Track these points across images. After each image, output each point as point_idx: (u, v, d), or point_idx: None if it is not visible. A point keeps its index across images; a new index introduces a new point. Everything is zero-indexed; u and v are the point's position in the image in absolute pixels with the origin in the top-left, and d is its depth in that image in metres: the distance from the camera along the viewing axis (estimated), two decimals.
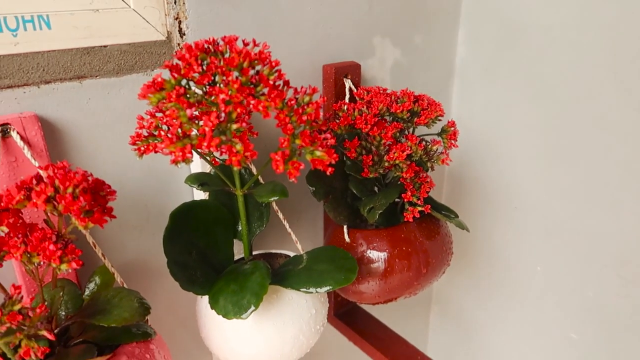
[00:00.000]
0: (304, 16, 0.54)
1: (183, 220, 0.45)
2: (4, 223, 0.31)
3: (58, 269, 0.31)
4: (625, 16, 0.55)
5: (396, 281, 0.53)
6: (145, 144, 0.37)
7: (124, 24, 0.43)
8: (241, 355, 0.46)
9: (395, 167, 0.49)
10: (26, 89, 0.40)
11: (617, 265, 0.63)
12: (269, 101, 0.35)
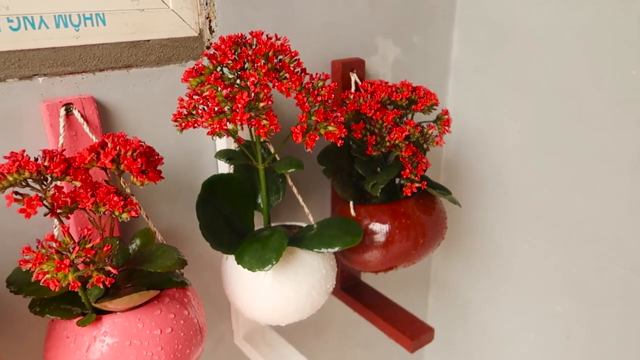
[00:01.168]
0: (315, 18, 0.61)
1: (212, 189, 0.52)
2: (78, 179, 0.38)
3: (120, 216, 0.39)
4: (599, 18, 0.62)
5: (396, 250, 0.60)
6: (186, 121, 0.45)
7: (164, 22, 0.50)
8: (262, 309, 0.53)
9: (395, 147, 0.56)
10: (84, 75, 0.47)
11: (595, 242, 0.70)
12: (290, 84, 0.42)
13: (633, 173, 0.64)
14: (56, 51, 0.45)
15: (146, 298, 0.42)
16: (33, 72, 0.45)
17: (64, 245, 0.36)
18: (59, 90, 0.46)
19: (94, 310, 0.42)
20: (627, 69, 0.62)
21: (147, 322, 0.42)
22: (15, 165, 0.36)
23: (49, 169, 0.37)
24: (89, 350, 0.41)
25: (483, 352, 0.92)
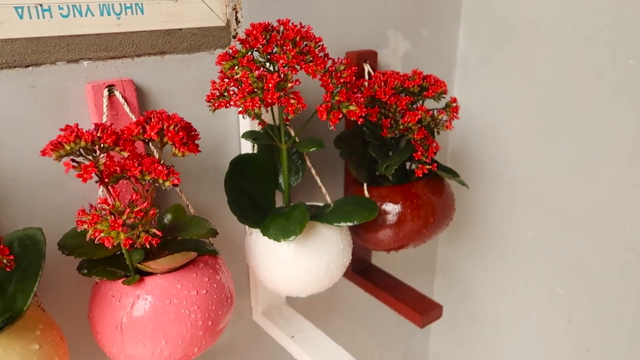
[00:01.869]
0: (331, 11, 0.66)
1: (238, 168, 0.56)
2: (127, 149, 0.42)
3: (163, 184, 0.43)
4: (598, 11, 0.66)
5: (408, 229, 0.64)
6: (218, 101, 0.49)
7: (195, 12, 0.55)
8: (284, 280, 0.57)
9: (408, 130, 0.60)
10: (124, 60, 0.51)
11: (594, 225, 0.74)
12: (316, 66, 0.47)
13: (631, 159, 0.68)
14: (100, 37, 0.49)
15: (187, 259, 0.46)
16: (79, 56, 0.49)
17: (116, 208, 0.40)
18: (101, 73, 0.50)
19: (137, 272, 0.46)
20: (626, 59, 0.66)
21: (184, 283, 0.46)
22: (73, 135, 0.40)
23: (102, 139, 0.41)
24: (133, 307, 0.45)
25: (487, 335, 0.95)
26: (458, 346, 1.02)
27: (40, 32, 0.46)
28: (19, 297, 0.40)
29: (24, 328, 0.40)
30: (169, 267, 0.45)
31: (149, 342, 0.45)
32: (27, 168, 0.48)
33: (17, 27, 0.45)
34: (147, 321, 0.45)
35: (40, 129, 0.48)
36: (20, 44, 0.45)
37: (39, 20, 0.46)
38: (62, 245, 0.45)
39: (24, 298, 0.40)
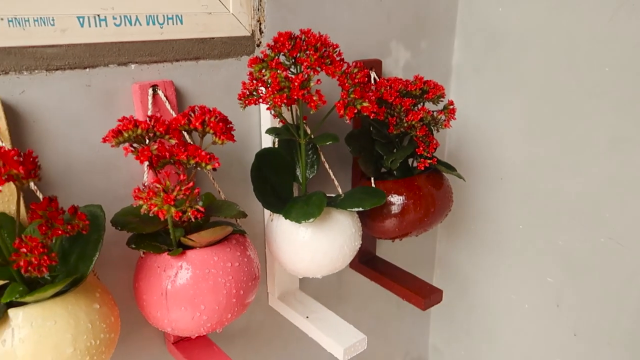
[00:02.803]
0: (341, 24, 0.73)
1: (263, 160, 0.63)
2: (175, 137, 0.49)
3: (205, 167, 0.49)
4: (578, 24, 0.75)
5: (411, 218, 0.71)
6: (248, 99, 0.56)
7: (225, 23, 0.62)
8: (302, 261, 0.64)
9: (411, 128, 0.67)
10: (165, 64, 0.59)
11: (579, 216, 0.81)
12: (335, 68, 0.54)
13: (609, 154, 0.76)
14: (145, 44, 0.57)
15: (225, 233, 0.53)
16: (128, 60, 0.56)
17: (167, 186, 0.47)
18: (146, 75, 0.57)
19: (179, 246, 0.53)
20: (602, 67, 0.74)
21: (220, 256, 0.53)
22: (131, 124, 0.47)
23: (155, 127, 0.48)
24: (177, 276, 0.51)
25: (483, 325, 1.02)
26: (456, 336, 1.09)
27: (96, 38, 0.53)
28: (81, 263, 0.47)
29: (86, 290, 0.47)
30: (209, 240, 0.52)
31: (190, 307, 0.51)
32: (81, 157, 0.55)
33: (79, 34, 0.52)
34: (188, 288, 0.51)
35: (93, 123, 0.55)
36: (80, 48, 0.53)
37: (96, 29, 0.53)
38: (115, 222, 0.52)
39: (87, 264, 0.46)
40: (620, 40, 0.71)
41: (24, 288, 0.43)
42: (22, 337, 0.42)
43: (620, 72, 0.72)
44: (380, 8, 0.78)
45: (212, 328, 0.54)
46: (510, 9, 0.83)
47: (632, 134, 0.73)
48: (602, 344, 0.84)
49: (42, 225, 0.40)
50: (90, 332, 0.45)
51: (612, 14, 0.71)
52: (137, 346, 0.66)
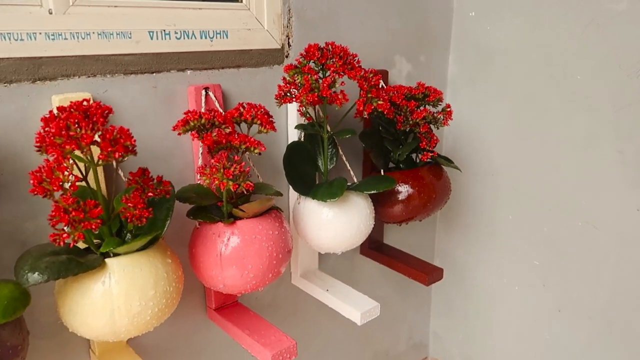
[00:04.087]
0: (354, 39, 0.86)
1: (292, 151, 0.75)
2: (230, 126, 0.61)
3: (253, 151, 0.61)
4: (554, 40, 0.88)
5: (415, 203, 0.83)
6: (284, 98, 0.68)
7: (261, 38, 0.75)
8: (325, 237, 0.75)
9: (415, 125, 0.80)
10: (213, 70, 0.71)
11: (560, 205, 0.94)
12: (355, 72, 0.67)
13: (584, 150, 0.89)
14: (199, 54, 0.69)
15: (269, 204, 0.64)
16: (185, 67, 0.68)
17: (226, 164, 0.59)
18: (198, 79, 0.70)
19: (229, 216, 0.64)
20: (574, 75, 0.87)
21: (263, 225, 0.64)
22: (197, 115, 0.59)
23: (215, 118, 0.60)
24: (229, 241, 0.62)
25: (478, 308, 1.13)
26: (454, 321, 1.19)
27: (162, 49, 0.66)
28: (156, 226, 0.58)
29: (161, 247, 0.58)
30: (256, 211, 0.64)
31: (240, 266, 0.63)
32: (147, 146, 0.67)
33: (149, 45, 0.64)
34: (238, 251, 0.62)
35: (157, 118, 0.67)
36: (149, 57, 0.65)
37: (162, 41, 0.65)
38: (179, 197, 0.63)
39: (162, 225, 0.58)
40: (589, 53, 0.85)
41: (118, 241, 0.54)
42: (117, 280, 0.53)
43: (590, 79, 0.86)
44: (387, 27, 0.91)
45: (256, 286, 0.65)
46: (496, 28, 0.96)
47: (601, 132, 0.86)
48: (584, 318, 0.96)
49: (138, 189, 0.52)
50: (166, 280, 0.56)
51: (581, 31, 0.85)
52: (181, 314, 0.77)
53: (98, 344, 0.66)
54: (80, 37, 0.59)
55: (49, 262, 0.50)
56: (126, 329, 0.54)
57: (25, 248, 0.59)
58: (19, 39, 0.55)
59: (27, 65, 0.56)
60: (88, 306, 0.53)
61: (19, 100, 0.57)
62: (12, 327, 0.49)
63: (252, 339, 0.69)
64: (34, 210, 0.60)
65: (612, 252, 0.89)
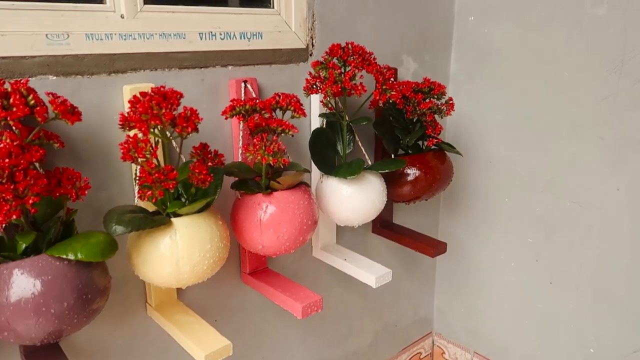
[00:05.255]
0: (367, 40, 0.98)
1: (316, 136, 0.87)
2: (268, 111, 0.73)
3: (288, 133, 0.73)
4: (543, 40, 1.00)
5: (422, 184, 0.95)
6: (311, 90, 0.80)
7: (290, 39, 0.87)
8: (344, 211, 0.87)
9: (422, 115, 0.92)
10: (250, 66, 0.83)
11: (550, 187, 1.06)
12: (372, 67, 0.79)
13: (570, 137, 1.01)
14: (238, 52, 0.81)
15: (301, 177, 0.76)
16: (227, 63, 0.80)
17: (267, 142, 0.70)
18: (238, 74, 0.82)
19: (267, 188, 0.76)
20: (562, 72, 0.99)
21: (295, 196, 0.76)
22: (242, 102, 0.71)
23: (257, 104, 0.72)
24: (267, 209, 0.74)
25: (478, 284, 1.25)
26: (456, 297, 1.31)
27: (209, 48, 0.78)
28: (211, 191, 0.70)
29: (213, 211, 0.70)
30: (290, 183, 0.75)
31: (276, 230, 0.74)
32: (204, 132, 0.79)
33: (199, 44, 0.76)
34: (275, 217, 0.74)
35: (204, 106, 0.79)
36: (199, 54, 0.77)
37: (209, 41, 0.77)
38: (226, 172, 0.75)
39: (214, 192, 0.69)
40: (575, 52, 0.97)
41: (181, 204, 0.66)
42: (181, 235, 0.64)
43: (576, 75, 0.98)
44: (396, 30, 1.03)
45: (289, 248, 0.77)
46: (493, 31, 1.08)
47: (584, 121, 0.98)
48: (571, 288, 1.07)
49: (200, 159, 0.64)
50: (218, 237, 0.68)
51: (568, 32, 0.97)
52: (220, 278, 0.89)
53: (155, 297, 0.78)
54: (146, 38, 0.71)
55: (130, 217, 0.61)
56: (187, 277, 0.66)
57: (100, 213, 0.71)
58: (99, 39, 0.67)
59: (105, 61, 0.68)
60: (158, 256, 0.64)
61: (98, 89, 0.69)
62: (102, 270, 0.61)
63: (285, 295, 0.81)
64: (106, 181, 0.72)
65: (596, 228, 1.01)
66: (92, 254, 0.56)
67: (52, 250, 0.56)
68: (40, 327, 0.55)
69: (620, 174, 0.96)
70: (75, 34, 0.65)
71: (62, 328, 0.57)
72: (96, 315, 0.62)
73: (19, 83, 0.55)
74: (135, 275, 0.75)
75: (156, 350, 0.83)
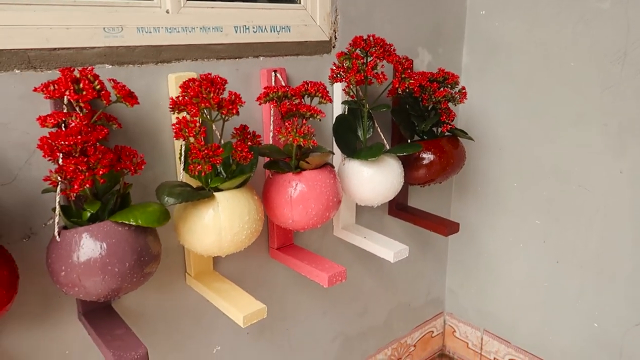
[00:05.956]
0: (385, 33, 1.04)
1: (339, 122, 0.94)
2: (298, 98, 0.80)
3: (316, 117, 0.80)
4: (550, 34, 1.07)
5: (436, 168, 1.02)
6: (335, 79, 0.88)
7: (315, 32, 0.94)
8: (365, 191, 0.94)
9: (437, 102, 0.99)
10: (279, 57, 0.90)
11: (556, 172, 1.12)
12: (392, 57, 0.86)
13: (575, 124, 1.07)
14: (268, 44, 0.88)
15: (328, 157, 0.83)
16: (258, 54, 0.88)
17: (298, 126, 0.78)
18: (268, 64, 0.89)
19: (297, 168, 0.83)
20: (568, 62, 1.06)
21: (322, 175, 0.83)
22: (274, 89, 0.78)
23: (289, 92, 0.79)
24: (296, 187, 0.82)
25: (488, 266, 1.32)
26: (467, 278, 1.38)
27: (243, 40, 0.85)
28: (247, 168, 0.77)
29: (249, 187, 0.77)
30: (318, 163, 0.83)
31: (305, 206, 0.82)
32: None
33: (234, 37, 0.84)
34: (304, 194, 0.81)
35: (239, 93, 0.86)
36: (234, 46, 0.84)
37: (243, 34, 0.85)
38: (259, 152, 0.82)
39: (251, 169, 0.77)
40: (580, 44, 1.03)
41: (223, 179, 0.74)
42: (223, 207, 0.72)
43: (581, 66, 1.04)
44: (411, 24, 1.10)
45: (316, 222, 0.84)
46: (503, 25, 1.15)
47: (590, 110, 1.05)
48: (576, 267, 1.14)
49: (240, 139, 0.71)
50: (255, 210, 0.75)
51: (573, 26, 1.03)
52: (250, 253, 0.96)
53: (194, 267, 0.86)
54: (188, 31, 0.79)
55: (180, 191, 0.69)
56: (228, 245, 0.74)
57: (146, 190, 0.79)
58: (148, 32, 0.75)
59: (153, 52, 0.76)
60: (202, 227, 0.72)
61: (146, 77, 0.76)
62: (155, 237, 0.68)
63: (311, 267, 0.89)
64: (152, 162, 0.79)
65: (600, 209, 1.08)
66: (150, 220, 0.64)
67: (115, 216, 0.64)
68: (106, 284, 0.63)
69: (623, 158, 1.02)
70: (128, 28, 0.73)
71: (123, 286, 0.64)
72: (149, 278, 0.69)
73: (85, 70, 0.63)
74: (175, 249, 0.83)
75: (193, 316, 0.91)
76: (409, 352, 1.40)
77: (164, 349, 0.89)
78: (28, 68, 0.66)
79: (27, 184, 0.69)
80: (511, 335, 1.31)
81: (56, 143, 0.58)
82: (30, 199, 0.70)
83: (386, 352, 1.34)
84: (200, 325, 0.93)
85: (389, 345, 1.34)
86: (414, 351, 1.42)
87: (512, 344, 1.31)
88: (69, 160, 0.58)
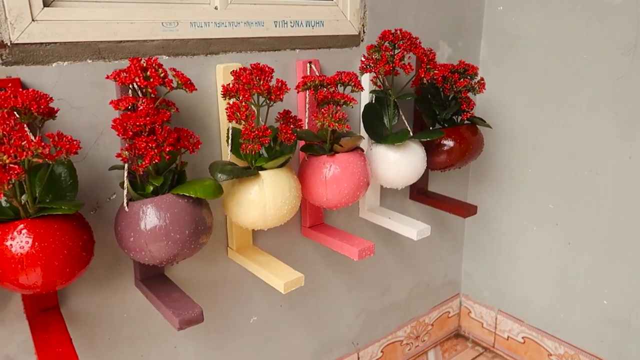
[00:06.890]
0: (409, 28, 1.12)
1: (368, 109, 1.02)
2: (333, 86, 0.88)
3: (348, 104, 0.88)
4: (564, 27, 1.14)
5: (456, 154, 1.09)
6: (365, 69, 0.95)
7: (346, 26, 1.02)
8: (391, 175, 1.02)
9: (458, 92, 1.06)
10: (314, 50, 0.98)
11: (569, 157, 1.19)
12: (419, 50, 0.93)
13: (588, 113, 1.14)
14: (303, 38, 0.96)
15: (359, 140, 0.91)
16: (295, 46, 0.95)
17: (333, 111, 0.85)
18: (304, 56, 0.97)
19: (330, 151, 0.91)
20: (581, 55, 1.12)
21: (354, 157, 0.91)
22: (312, 78, 0.86)
23: (324, 80, 0.87)
24: (331, 168, 0.89)
25: (503, 248, 1.39)
26: (482, 261, 1.45)
27: (281, 34, 0.93)
28: (287, 149, 0.85)
29: (289, 168, 0.85)
30: (350, 145, 0.91)
31: (338, 186, 0.89)
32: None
33: (273, 31, 0.92)
34: (337, 175, 0.89)
35: None
36: (273, 39, 0.92)
37: (281, 28, 0.93)
38: (298, 137, 0.90)
39: (291, 150, 0.85)
40: (592, 37, 1.10)
41: (267, 159, 0.82)
42: (267, 184, 0.80)
43: (593, 58, 1.11)
44: (433, 19, 1.17)
45: (348, 201, 0.92)
46: (519, 19, 1.22)
47: (602, 99, 1.11)
48: (587, 247, 1.21)
49: (284, 122, 0.79)
50: (295, 187, 0.83)
51: (587, 20, 1.10)
52: (284, 231, 1.04)
53: (236, 241, 0.94)
54: (234, 25, 0.87)
55: (230, 168, 0.77)
56: (271, 219, 0.82)
57: (195, 170, 0.87)
58: (200, 26, 0.83)
59: (203, 44, 0.84)
60: (249, 201, 0.80)
61: (197, 67, 0.84)
62: (208, 211, 0.77)
63: (342, 242, 0.97)
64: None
65: (610, 193, 1.14)
66: (207, 193, 0.72)
67: (176, 189, 0.72)
68: (169, 249, 0.71)
69: (632, 144, 1.09)
70: (182, 22, 0.81)
71: (182, 252, 0.73)
72: (202, 248, 0.78)
73: (151, 60, 0.71)
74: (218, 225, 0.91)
75: (232, 288, 1.00)
76: (427, 330, 1.48)
77: (207, 316, 0.97)
78: (98, 59, 0.74)
79: (95, 162, 0.77)
80: (524, 314, 1.38)
81: (128, 124, 0.67)
82: (97, 176, 0.78)
83: (405, 329, 1.41)
84: (239, 296, 1.01)
85: (408, 323, 1.42)
86: (431, 330, 1.49)
87: (525, 322, 1.38)
88: (141, 138, 0.66)
